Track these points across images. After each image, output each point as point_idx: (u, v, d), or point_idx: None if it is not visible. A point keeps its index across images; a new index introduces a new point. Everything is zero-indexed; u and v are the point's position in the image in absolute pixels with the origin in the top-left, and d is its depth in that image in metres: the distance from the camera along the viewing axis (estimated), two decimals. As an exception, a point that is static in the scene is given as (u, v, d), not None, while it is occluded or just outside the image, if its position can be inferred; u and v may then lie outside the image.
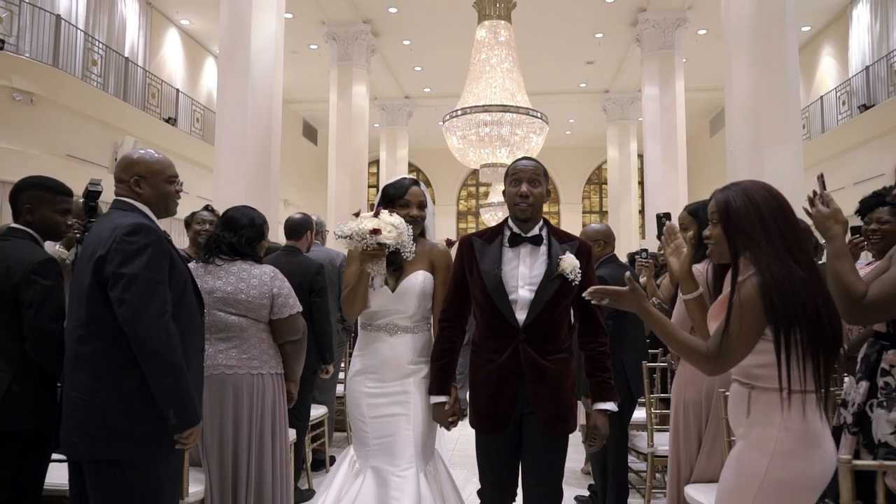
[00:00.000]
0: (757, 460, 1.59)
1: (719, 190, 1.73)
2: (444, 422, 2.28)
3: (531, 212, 2.17)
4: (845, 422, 1.85)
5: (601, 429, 2.17)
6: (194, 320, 2.06)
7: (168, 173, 2.09)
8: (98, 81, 10.47)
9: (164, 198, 2.08)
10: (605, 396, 2.16)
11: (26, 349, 2.17)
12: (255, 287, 2.59)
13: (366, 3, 12.25)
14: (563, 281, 2.10)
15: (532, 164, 2.23)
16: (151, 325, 1.83)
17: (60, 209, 2.37)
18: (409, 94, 17.34)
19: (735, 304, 1.59)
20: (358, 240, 2.21)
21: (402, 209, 2.39)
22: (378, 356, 2.36)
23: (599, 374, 2.17)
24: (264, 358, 2.61)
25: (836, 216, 1.79)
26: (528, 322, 2.11)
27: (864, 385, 1.81)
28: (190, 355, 1.98)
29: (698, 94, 15.11)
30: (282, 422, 2.66)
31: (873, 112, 10.95)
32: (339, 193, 12.51)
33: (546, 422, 2.13)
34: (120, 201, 2.03)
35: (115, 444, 1.85)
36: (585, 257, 2.17)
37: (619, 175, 17.09)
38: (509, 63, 10.32)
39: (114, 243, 1.88)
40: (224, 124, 7.98)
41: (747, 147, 7.56)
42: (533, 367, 2.12)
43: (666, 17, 12.20)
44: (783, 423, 1.59)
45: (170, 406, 1.86)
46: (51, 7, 9.57)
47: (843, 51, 12.81)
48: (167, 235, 2.03)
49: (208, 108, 14.24)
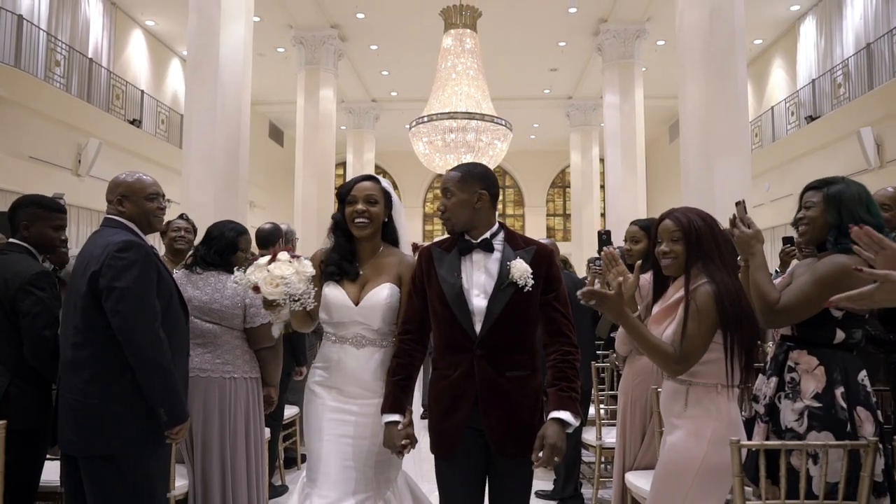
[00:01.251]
0: (694, 447, 1.88)
1: (675, 213, 2.03)
2: (394, 445, 1.99)
3: (452, 223, 2.03)
4: (757, 413, 2.14)
5: (549, 437, 1.85)
6: (180, 327, 2.25)
7: (148, 191, 2.26)
8: (61, 82, 10.37)
9: (145, 214, 2.26)
10: (561, 405, 1.89)
11: (24, 354, 2.33)
12: (228, 297, 2.77)
13: (333, 8, 12.38)
14: (517, 289, 1.92)
15: (448, 175, 2.07)
16: (144, 333, 2.02)
17: (54, 225, 2.55)
18: (375, 97, 17.49)
19: (692, 310, 1.89)
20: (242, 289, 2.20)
21: (349, 206, 2.18)
22: (342, 370, 2.16)
23: (558, 382, 1.92)
24: (238, 363, 2.78)
25: (757, 237, 2.07)
26: (483, 334, 1.93)
27: (773, 380, 2.08)
28: (177, 359, 2.16)
29: (658, 101, 15.63)
30: (256, 423, 2.83)
31: (818, 123, 11.55)
32: (306, 196, 12.60)
33: (496, 444, 1.93)
34: (109, 219, 2.23)
35: (108, 441, 2.03)
36: (546, 262, 1.98)
37: (581, 179, 17.54)
38: (474, 71, 10.59)
39: (106, 259, 2.06)
40: (192, 130, 8.05)
41: (699, 157, 7.96)
42: (487, 384, 1.93)
43: (626, 28, 12.63)
44: (717, 414, 1.89)
45: (161, 405, 2.06)
46: (12, 7, 9.46)
47: (792, 64, 13.44)
48: (154, 250, 2.20)
49: (173, 110, 14.16)
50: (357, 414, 2.13)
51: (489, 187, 2.03)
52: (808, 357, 2.02)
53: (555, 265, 2.02)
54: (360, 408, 2.13)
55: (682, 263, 1.97)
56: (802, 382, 2.00)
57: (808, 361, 2.01)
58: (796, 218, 2.14)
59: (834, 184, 2.06)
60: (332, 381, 2.17)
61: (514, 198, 24.09)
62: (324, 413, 2.15)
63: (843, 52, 11.52)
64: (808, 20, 12.72)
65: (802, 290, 1.98)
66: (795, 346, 2.06)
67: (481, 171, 2.06)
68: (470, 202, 2.00)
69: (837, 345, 2.02)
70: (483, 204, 2.01)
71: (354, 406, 2.14)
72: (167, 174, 12.78)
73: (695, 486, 1.87)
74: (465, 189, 2.01)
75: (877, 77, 10.21)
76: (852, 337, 2.02)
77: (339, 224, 2.23)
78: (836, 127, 10.83)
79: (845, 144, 10.43)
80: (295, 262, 2.10)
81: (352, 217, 2.17)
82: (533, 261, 1.96)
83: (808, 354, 2.02)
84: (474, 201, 2.00)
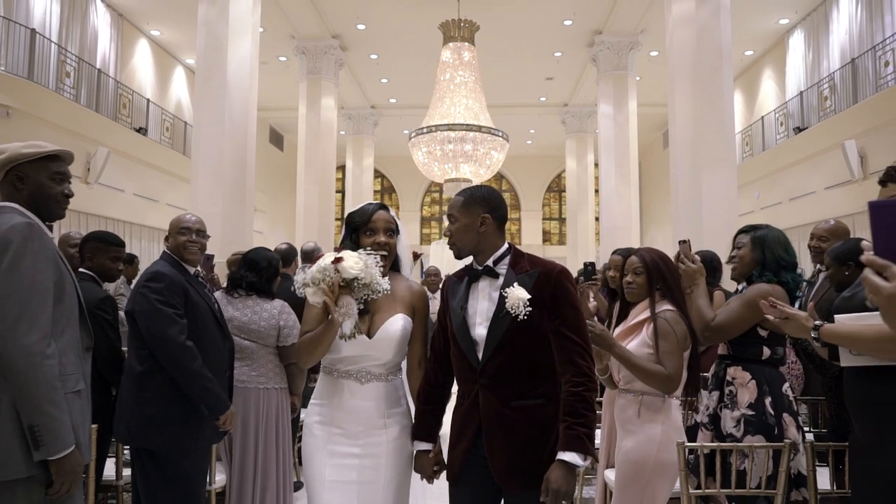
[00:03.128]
0: (647, 449, 2.27)
1: (640, 252, 2.47)
2: (426, 472, 2.00)
3: (458, 248, 2.00)
4: (701, 422, 2.55)
5: (552, 482, 1.76)
6: (215, 344, 2.58)
7: (180, 227, 2.63)
8: (71, 93, 10.67)
9: (178, 248, 2.61)
10: (568, 445, 1.78)
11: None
12: (265, 319, 3.15)
13: (335, 19, 12.70)
14: (514, 317, 1.86)
15: (452, 200, 2.05)
16: (172, 345, 2.39)
17: (112, 257, 2.96)
18: (375, 104, 17.82)
19: (662, 331, 2.28)
20: (320, 278, 1.92)
21: (369, 237, 2.09)
22: (345, 407, 2.02)
23: (566, 419, 1.81)
24: (270, 375, 3.16)
25: (700, 271, 2.53)
26: (483, 364, 1.90)
27: (715, 394, 2.51)
28: (214, 373, 2.52)
29: (652, 108, 15.98)
30: (285, 427, 3.21)
31: (806, 134, 11.91)
32: (307, 202, 12.91)
33: (497, 475, 1.87)
34: (163, 253, 2.64)
35: (150, 439, 2.41)
36: (551, 286, 1.88)
37: (576, 185, 17.89)
38: (472, 83, 10.94)
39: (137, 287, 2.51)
40: (201, 141, 8.36)
41: (687, 169, 8.31)
42: (490, 414, 1.88)
43: (620, 40, 12.98)
44: (665, 419, 2.29)
45: (201, 401, 2.44)
46: (25, 21, 9.77)
47: (782, 75, 13.81)
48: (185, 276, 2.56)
49: (178, 117, 14.47)
50: (360, 456, 2.01)
51: (493, 210, 1.97)
52: (743, 372, 2.44)
53: (563, 288, 1.89)
54: (362, 448, 2.01)
55: (643, 292, 2.39)
56: (738, 394, 2.42)
57: (743, 376, 2.43)
58: (729, 256, 2.57)
59: (760, 229, 2.52)
60: (332, 420, 2.04)
61: (510, 202, 24.42)
62: (324, 458, 2.01)
63: (829, 65, 11.89)
64: (796, 33, 13.09)
65: (733, 311, 2.42)
66: (731, 362, 2.48)
67: (483, 195, 2.00)
68: (473, 226, 1.96)
69: (765, 361, 2.44)
70: (487, 227, 1.96)
71: (356, 448, 2.01)
72: (172, 180, 13.12)
73: (650, 481, 2.25)
74: (467, 213, 1.97)
75: (861, 91, 10.58)
76: (776, 353, 2.46)
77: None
78: (822, 138, 11.20)
79: (831, 156, 10.79)
80: (362, 258, 1.96)
81: (373, 248, 2.06)
82: (535, 285, 1.88)
83: (742, 370, 2.44)
84: (478, 225, 1.96)
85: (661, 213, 19.15)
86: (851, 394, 1.82)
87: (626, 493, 2.29)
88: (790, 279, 2.43)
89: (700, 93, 8.28)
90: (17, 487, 1.64)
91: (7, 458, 1.62)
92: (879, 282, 0.79)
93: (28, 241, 1.70)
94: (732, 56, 8.93)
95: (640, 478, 2.26)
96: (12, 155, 1.81)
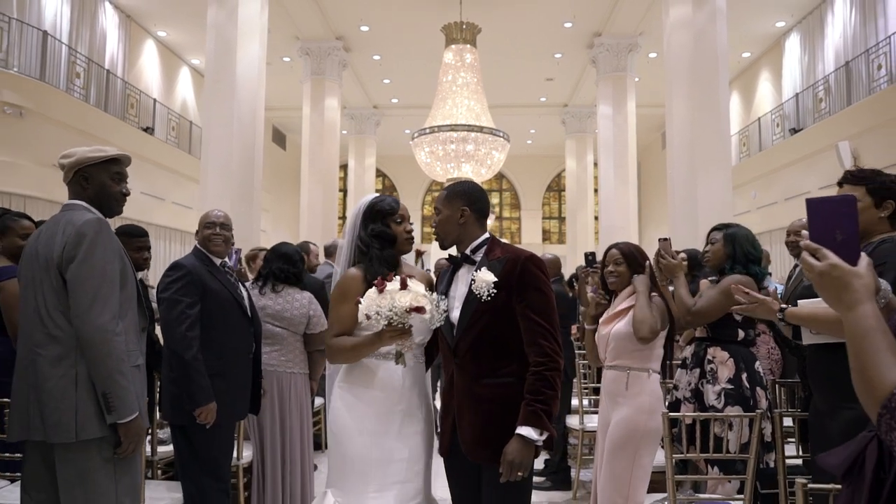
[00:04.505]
0: (636, 418, 2.56)
1: (619, 245, 2.79)
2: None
3: (441, 238, 2.15)
4: (684, 397, 2.85)
5: (507, 454, 1.87)
6: (237, 328, 2.80)
7: (205, 222, 2.90)
8: (80, 93, 10.88)
9: (206, 241, 2.87)
10: (526, 420, 1.89)
11: None
12: (297, 309, 3.39)
13: (339, 20, 12.90)
14: (481, 299, 1.98)
15: (438, 195, 2.20)
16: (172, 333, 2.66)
17: (137, 247, 3.13)
18: (377, 103, 18.02)
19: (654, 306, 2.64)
20: (397, 322, 1.94)
21: (400, 224, 2.21)
22: (389, 386, 2.10)
23: (526, 396, 1.92)
24: (296, 361, 3.40)
25: (679, 265, 2.83)
26: (455, 344, 2.04)
27: (696, 371, 2.83)
28: (234, 357, 2.74)
29: (651, 109, 16.17)
30: (306, 409, 3.43)
31: (802, 135, 12.12)
32: (311, 201, 13.11)
33: (464, 446, 2.00)
34: (194, 247, 2.88)
35: (179, 414, 2.66)
36: (518, 271, 1.99)
37: (576, 184, 18.10)
38: (474, 84, 11.15)
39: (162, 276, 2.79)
40: (210, 142, 8.58)
41: (684, 170, 8.54)
42: (462, 391, 2.02)
43: (619, 42, 13.19)
44: (650, 392, 2.61)
45: (183, 389, 2.62)
46: (37, 23, 9.97)
47: (778, 77, 14.02)
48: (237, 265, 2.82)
49: (183, 117, 14.67)
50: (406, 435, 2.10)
51: (472, 203, 2.11)
52: (721, 352, 2.77)
53: (529, 272, 1.99)
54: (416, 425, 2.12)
55: (624, 280, 2.73)
56: (718, 371, 2.74)
57: (721, 355, 2.76)
58: (703, 250, 2.93)
59: (731, 227, 2.86)
60: (377, 400, 2.09)
61: (510, 201, 24.64)
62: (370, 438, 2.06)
63: (824, 68, 12.10)
64: (792, 36, 13.30)
65: (711, 298, 2.75)
66: (710, 343, 2.81)
67: (463, 189, 2.15)
68: (454, 218, 2.10)
69: (741, 341, 2.78)
70: (467, 219, 2.10)
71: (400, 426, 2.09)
72: (178, 179, 13.33)
73: (638, 447, 2.54)
74: (449, 206, 2.12)
75: (854, 94, 10.79)
76: (749, 335, 2.79)
77: (386, 237, 2.18)
78: (817, 140, 11.42)
79: (826, 156, 11.00)
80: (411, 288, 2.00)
81: (403, 235, 2.20)
82: (503, 270, 1.99)
83: (721, 350, 2.77)
84: (458, 217, 2.10)
85: (660, 212, 19.35)
86: (811, 367, 2.16)
87: (617, 459, 2.55)
88: (757, 271, 2.77)
89: (696, 96, 8.50)
90: (92, 446, 1.90)
91: (85, 421, 1.87)
92: (813, 261, 0.99)
93: (99, 235, 1.95)
94: (728, 60, 9.14)
95: (630, 444, 2.54)
96: (80, 158, 2.06)
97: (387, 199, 2.25)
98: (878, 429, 0.86)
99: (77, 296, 1.89)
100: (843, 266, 0.94)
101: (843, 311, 0.93)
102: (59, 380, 1.87)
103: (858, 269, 0.94)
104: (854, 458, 0.96)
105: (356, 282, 2.11)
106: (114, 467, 1.93)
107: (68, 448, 1.88)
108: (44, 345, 1.89)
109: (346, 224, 2.29)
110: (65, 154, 2.10)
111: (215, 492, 2.64)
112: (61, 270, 1.92)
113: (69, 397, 1.86)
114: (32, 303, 1.93)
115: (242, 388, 2.81)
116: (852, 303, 0.92)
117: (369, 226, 2.19)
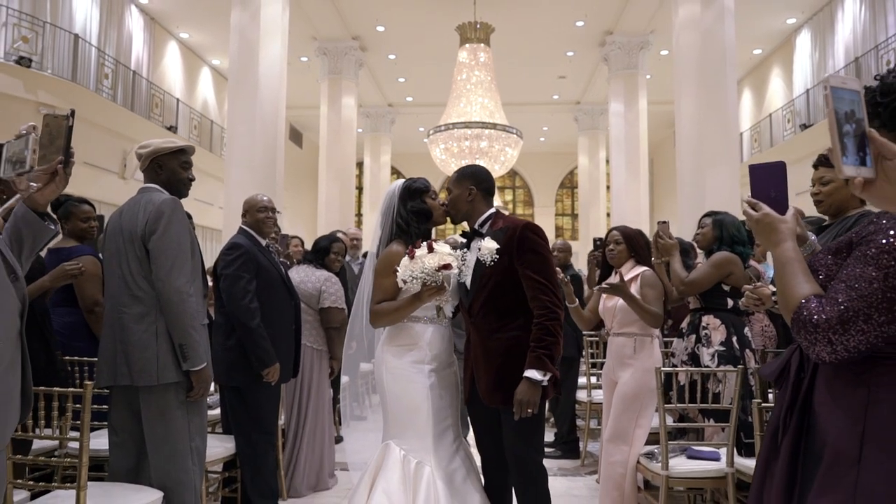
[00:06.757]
0: (643, 377, 2.92)
1: (618, 227, 3.18)
2: None
3: (452, 214, 2.45)
4: (682, 360, 3.17)
5: (517, 394, 2.14)
6: (282, 302, 3.11)
7: (258, 206, 3.17)
8: (109, 93, 11.30)
9: (257, 223, 3.13)
10: (530, 364, 2.16)
11: None
12: (311, 283, 3.73)
13: (355, 21, 13.23)
14: (486, 264, 2.25)
15: (450, 176, 2.49)
16: (237, 304, 2.95)
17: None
18: (392, 102, 18.35)
19: (650, 281, 3.01)
20: (430, 281, 2.24)
21: (434, 199, 2.48)
22: (436, 346, 2.38)
23: (532, 343, 2.18)
24: (310, 336, 3.67)
25: (675, 245, 3.18)
26: (469, 304, 2.34)
27: (692, 337, 3.18)
28: (280, 326, 3.06)
29: (662, 106, 16.34)
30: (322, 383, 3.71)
31: (812, 131, 12.27)
32: (329, 198, 13.46)
33: (482, 392, 2.28)
34: (240, 227, 3.16)
35: (234, 377, 2.99)
36: (517, 237, 2.24)
37: (588, 181, 18.30)
38: (488, 82, 11.43)
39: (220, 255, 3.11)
40: (234, 141, 8.94)
41: (692, 166, 8.77)
42: (476, 345, 2.31)
43: (630, 40, 13.40)
44: (651, 354, 2.98)
45: (252, 353, 2.94)
46: (69, 26, 10.39)
47: (789, 73, 14.16)
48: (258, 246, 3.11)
49: (204, 116, 15.09)
50: (449, 386, 2.42)
51: (479, 183, 2.40)
52: (714, 319, 3.12)
53: (525, 237, 2.25)
54: (449, 377, 2.43)
55: (623, 257, 3.10)
56: (712, 336, 3.10)
57: (714, 322, 3.12)
58: (695, 234, 3.28)
59: (719, 214, 3.22)
60: (430, 358, 2.35)
61: (523, 198, 24.87)
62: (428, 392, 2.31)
63: (834, 64, 12.24)
64: (803, 33, 13.44)
65: (702, 270, 3.14)
66: (704, 312, 3.16)
67: (471, 171, 2.45)
68: (463, 196, 2.39)
69: (730, 309, 3.11)
70: (474, 197, 2.39)
71: (446, 377, 2.40)
72: (200, 176, 13.58)
73: (644, 404, 2.91)
74: (458, 186, 2.40)
75: (863, 89, 10.92)
76: (737, 304, 3.10)
77: (424, 212, 2.45)
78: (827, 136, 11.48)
79: (834, 152, 11.14)
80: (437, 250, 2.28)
81: (439, 209, 2.48)
82: (504, 238, 2.26)
83: (713, 318, 3.12)
84: (466, 196, 2.39)
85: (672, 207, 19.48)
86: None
87: (624, 414, 2.93)
88: (741, 251, 3.14)
89: (705, 94, 8.72)
90: (171, 389, 2.26)
91: (164, 367, 2.22)
92: (751, 212, 1.26)
93: (175, 212, 2.30)
94: (736, 58, 9.34)
95: (637, 401, 2.91)
96: (155, 149, 2.40)
97: (419, 179, 2.51)
98: (793, 332, 1.14)
99: (158, 263, 2.23)
100: (774, 215, 1.23)
101: (772, 247, 1.22)
102: (143, 334, 2.22)
103: (785, 217, 1.22)
104: (783, 366, 1.25)
105: (399, 256, 2.35)
106: (186, 409, 2.27)
107: (151, 391, 2.22)
108: (129, 305, 2.24)
109: (381, 207, 2.53)
110: (142, 145, 2.45)
111: (263, 443, 3.01)
112: (144, 242, 2.26)
113: (151, 347, 2.21)
114: (118, 270, 2.28)
115: (286, 354, 3.12)
116: (778, 241, 1.21)
117: (408, 204, 2.45)
